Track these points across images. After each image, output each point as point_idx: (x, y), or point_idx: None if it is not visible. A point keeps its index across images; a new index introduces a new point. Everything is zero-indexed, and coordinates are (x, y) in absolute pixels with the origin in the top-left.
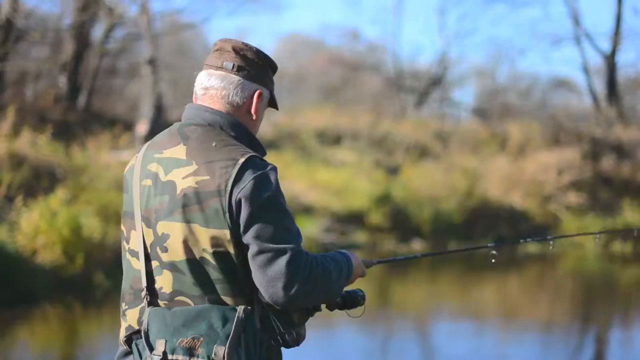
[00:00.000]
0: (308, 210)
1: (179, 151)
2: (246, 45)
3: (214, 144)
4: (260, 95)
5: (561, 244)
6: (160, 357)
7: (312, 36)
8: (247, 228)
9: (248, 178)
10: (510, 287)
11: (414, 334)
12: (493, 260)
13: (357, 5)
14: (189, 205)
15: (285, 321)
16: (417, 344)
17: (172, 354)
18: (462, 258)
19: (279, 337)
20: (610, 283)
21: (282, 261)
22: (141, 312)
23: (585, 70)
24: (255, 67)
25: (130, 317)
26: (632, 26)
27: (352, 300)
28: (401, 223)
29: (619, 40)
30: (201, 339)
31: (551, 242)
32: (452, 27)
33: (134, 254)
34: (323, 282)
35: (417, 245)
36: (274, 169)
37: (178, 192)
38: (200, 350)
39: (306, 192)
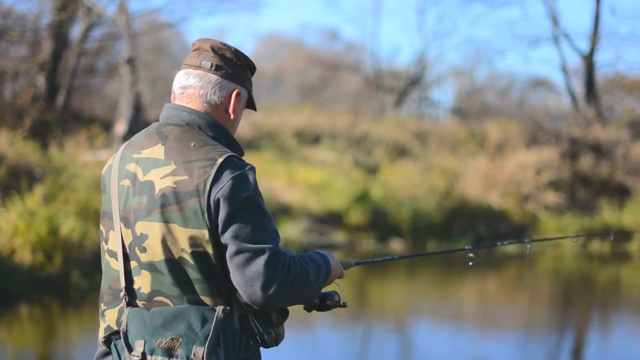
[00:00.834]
0: (287, 210)
1: (158, 151)
2: (224, 44)
3: (192, 144)
4: (238, 94)
5: (539, 244)
6: (139, 357)
7: (291, 36)
8: (225, 228)
9: (226, 178)
10: (489, 288)
11: (392, 335)
12: (470, 263)
13: (336, 5)
14: (168, 205)
15: (264, 321)
16: (396, 345)
17: (151, 354)
18: (440, 259)
19: (257, 338)
20: (588, 283)
21: (260, 261)
22: (120, 312)
23: (564, 70)
24: (233, 66)
25: (109, 318)
26: (610, 26)
27: (330, 302)
28: (380, 223)
29: (597, 40)
30: (180, 339)
31: (528, 246)
32: (431, 27)
33: (113, 254)
34: (301, 283)
35: (396, 245)
36: (252, 169)
37: (156, 192)
38: (179, 351)
39: (285, 192)
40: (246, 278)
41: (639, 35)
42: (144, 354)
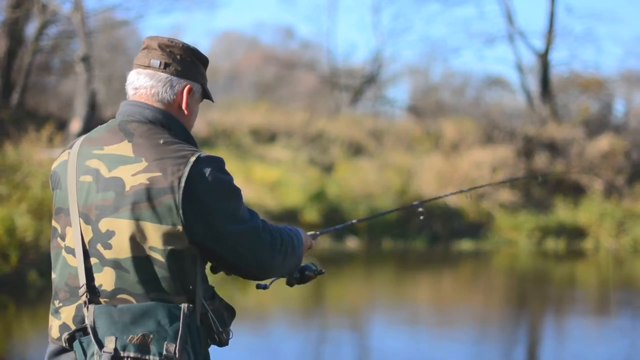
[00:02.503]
0: None
1: (124, 148)
2: (172, 41)
3: (161, 142)
4: (190, 90)
5: (495, 241)
6: (112, 353)
7: (247, 34)
8: (213, 219)
9: (201, 174)
10: (445, 286)
11: (348, 335)
12: (422, 217)
13: (292, 3)
14: (140, 202)
15: (221, 320)
16: (352, 345)
17: (124, 350)
18: (396, 256)
19: (215, 336)
20: (543, 281)
21: (257, 236)
22: (78, 309)
23: (519, 68)
24: (182, 62)
25: (65, 315)
26: (565, 25)
27: (308, 272)
28: (336, 220)
29: (552, 38)
30: (151, 336)
31: (468, 194)
32: (387, 25)
33: (70, 250)
34: (291, 250)
35: (352, 243)
36: (223, 160)
37: (127, 189)
38: (152, 347)
39: (241, 190)
40: (253, 255)
41: (594, 34)
42: (116, 350)
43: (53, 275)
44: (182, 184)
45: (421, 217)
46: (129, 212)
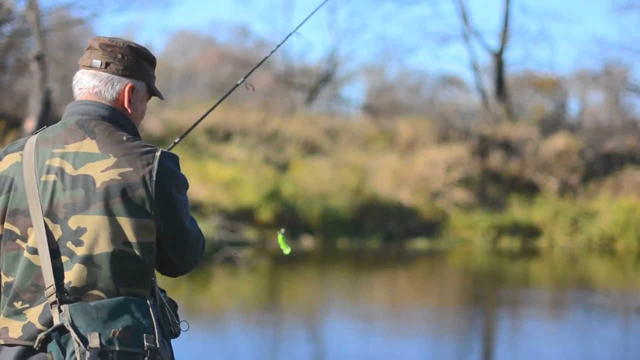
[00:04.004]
0: (197, 207)
1: (89, 145)
2: (113, 40)
3: (124, 138)
4: (132, 88)
5: (449, 240)
6: (98, 349)
7: (202, 33)
8: (172, 214)
9: (169, 167)
10: (399, 285)
11: (303, 335)
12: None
13: (247, 2)
14: (112, 198)
15: (174, 311)
16: (307, 345)
17: (110, 345)
18: (351, 254)
19: (171, 328)
20: (497, 279)
21: (201, 240)
22: (45, 309)
23: (474, 67)
24: (123, 61)
25: (31, 315)
26: (520, 24)
27: None
28: (291, 219)
29: (507, 38)
30: (131, 329)
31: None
32: (342, 25)
33: (34, 251)
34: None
35: (307, 242)
36: (178, 157)
37: (98, 185)
38: (134, 340)
39: (196, 189)
40: (191, 254)
41: (549, 33)
42: (102, 345)
43: (7, 278)
44: (154, 177)
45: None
46: (102, 208)
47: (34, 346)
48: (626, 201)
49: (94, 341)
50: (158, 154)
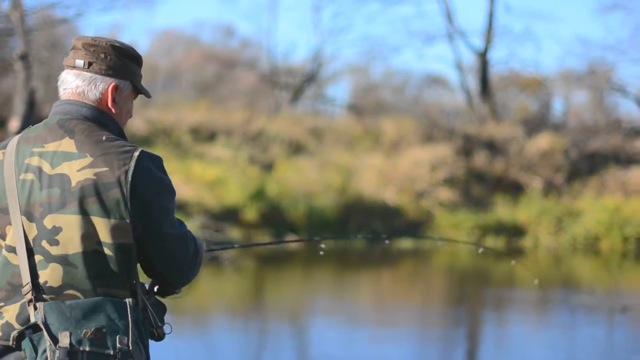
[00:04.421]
0: (182, 207)
1: (67, 144)
2: (95, 40)
3: (103, 138)
4: (115, 88)
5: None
6: (67, 348)
7: (187, 32)
8: (151, 216)
9: (146, 169)
10: (384, 285)
11: (288, 336)
12: (321, 253)
13: (232, 1)
14: (87, 197)
15: (159, 314)
16: (292, 346)
17: (79, 345)
18: (336, 254)
19: (154, 330)
20: (482, 279)
21: (186, 243)
22: (22, 307)
23: (459, 67)
24: (107, 60)
25: (7, 314)
26: (504, 24)
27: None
28: (276, 219)
29: (491, 37)
30: (104, 330)
31: (387, 241)
32: (327, 24)
33: (12, 249)
34: (201, 262)
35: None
36: (162, 158)
37: (73, 184)
38: (106, 341)
39: (180, 189)
40: (173, 262)
41: (533, 33)
42: (72, 345)
43: None
44: (129, 178)
45: (321, 253)
46: (77, 208)
47: (10, 344)
48: (610, 201)
49: (64, 340)
50: (137, 154)
